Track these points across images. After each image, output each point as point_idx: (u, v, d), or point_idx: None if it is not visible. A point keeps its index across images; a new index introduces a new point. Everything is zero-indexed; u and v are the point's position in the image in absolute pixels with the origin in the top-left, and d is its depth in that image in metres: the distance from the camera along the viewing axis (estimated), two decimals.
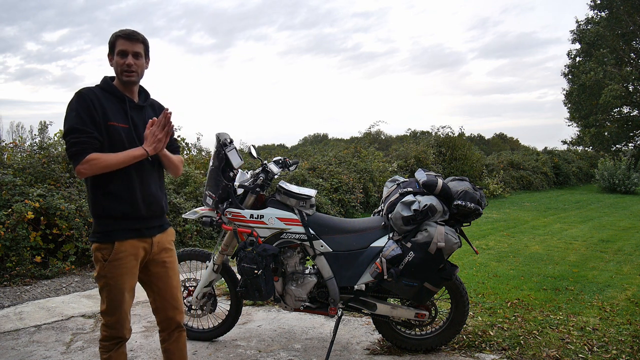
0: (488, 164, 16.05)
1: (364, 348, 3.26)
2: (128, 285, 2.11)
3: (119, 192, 2.07)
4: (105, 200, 2.06)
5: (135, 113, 2.16)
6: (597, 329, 3.46)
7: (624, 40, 20.63)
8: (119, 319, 2.12)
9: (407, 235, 2.83)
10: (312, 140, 42.34)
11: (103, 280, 2.08)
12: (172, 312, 2.26)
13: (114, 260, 2.06)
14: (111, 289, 2.08)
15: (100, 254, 2.08)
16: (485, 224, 8.59)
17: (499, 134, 50.22)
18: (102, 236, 2.07)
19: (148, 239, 2.17)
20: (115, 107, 2.10)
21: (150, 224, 2.17)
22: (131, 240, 2.10)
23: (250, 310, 4.03)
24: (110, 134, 2.04)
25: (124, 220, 2.09)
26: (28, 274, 4.96)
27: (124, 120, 2.10)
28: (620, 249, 6.38)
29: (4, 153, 6.41)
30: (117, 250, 2.06)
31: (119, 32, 2.11)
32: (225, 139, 3.03)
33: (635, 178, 15.43)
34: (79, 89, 2.08)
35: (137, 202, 2.10)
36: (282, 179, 8.20)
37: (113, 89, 2.12)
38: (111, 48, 2.12)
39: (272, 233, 2.99)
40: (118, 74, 2.12)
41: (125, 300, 2.12)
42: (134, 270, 2.13)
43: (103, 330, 2.14)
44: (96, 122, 2.02)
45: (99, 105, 2.04)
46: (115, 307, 2.10)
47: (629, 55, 21.44)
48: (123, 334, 2.15)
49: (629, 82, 20.62)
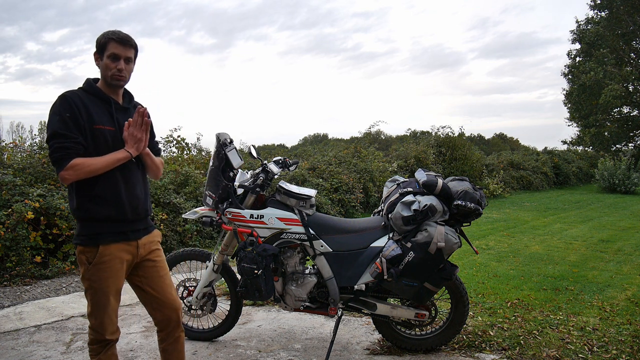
0: (488, 164, 16.05)
1: (364, 348, 3.26)
2: (113, 288, 2.08)
3: (104, 195, 2.03)
4: (90, 203, 2.03)
5: (120, 115, 2.13)
6: (597, 329, 3.46)
7: (624, 40, 20.62)
8: (102, 322, 2.08)
9: (407, 235, 2.83)
10: (312, 140, 42.34)
11: (87, 282, 2.06)
12: (169, 310, 2.24)
13: (98, 264, 2.04)
14: (95, 292, 2.06)
15: (84, 257, 2.05)
16: (485, 224, 8.59)
17: (499, 134, 50.24)
18: (87, 239, 2.04)
19: (133, 242, 2.14)
20: (100, 109, 2.07)
21: (135, 226, 2.15)
22: (116, 244, 2.07)
23: (250, 310, 4.03)
24: (95, 137, 2.01)
25: (109, 223, 2.06)
26: (28, 274, 4.96)
27: (110, 122, 2.07)
28: (620, 249, 6.38)
29: (4, 153, 6.42)
30: (101, 253, 2.04)
31: (111, 34, 2.07)
32: (225, 139, 3.03)
33: (635, 178, 15.43)
34: (62, 93, 2.04)
35: (123, 205, 2.08)
36: (282, 179, 8.20)
37: (97, 91, 2.09)
38: (101, 49, 2.07)
39: (272, 233, 2.99)
40: (107, 76, 2.08)
41: (110, 303, 2.09)
42: (119, 274, 2.10)
43: (90, 334, 2.12)
44: (80, 127, 1.98)
45: (83, 109, 2.00)
46: (99, 310, 2.07)
47: (629, 55, 21.43)
48: (109, 336, 2.11)
49: (629, 82, 20.61)
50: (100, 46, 2.07)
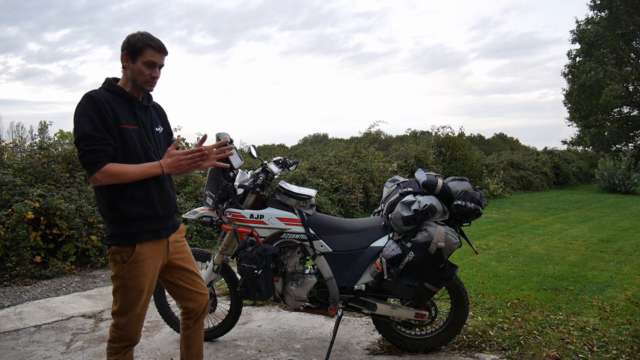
0: (488, 164, 16.05)
1: (364, 348, 3.26)
2: (146, 286, 2.10)
3: (136, 194, 2.04)
4: (123, 203, 2.03)
5: (142, 113, 2.14)
6: (597, 329, 3.46)
7: (624, 40, 20.61)
8: (129, 321, 2.10)
9: (407, 235, 2.83)
10: (312, 140, 42.37)
11: (120, 280, 2.07)
12: (200, 298, 2.33)
13: (133, 262, 2.05)
14: (127, 290, 2.07)
15: (119, 256, 2.05)
16: (485, 224, 8.59)
17: (499, 134, 50.31)
18: (121, 239, 2.05)
19: (164, 240, 2.16)
20: (125, 109, 2.07)
21: (166, 224, 2.18)
22: (150, 243, 2.10)
23: (250, 310, 4.03)
24: (122, 137, 2.01)
25: (142, 221, 2.07)
26: (28, 274, 4.96)
27: (134, 121, 2.08)
28: (620, 249, 6.38)
29: (4, 153, 6.41)
30: (137, 252, 2.05)
31: (148, 40, 2.05)
32: (225, 139, 3.02)
33: (635, 178, 15.42)
34: (88, 92, 2.02)
35: (155, 202, 2.09)
36: (282, 179, 8.20)
37: (120, 91, 2.08)
38: (136, 53, 2.03)
39: (272, 233, 2.99)
40: (138, 81, 2.08)
41: (140, 302, 2.11)
42: (153, 272, 2.13)
43: (112, 332, 2.13)
44: (109, 126, 1.97)
45: (109, 108, 1.99)
46: (128, 308, 2.09)
47: (629, 55, 21.42)
48: (133, 337, 2.13)
49: (629, 82, 20.60)
50: (134, 49, 2.04)
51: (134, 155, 2.03)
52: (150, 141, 2.12)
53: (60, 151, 6.46)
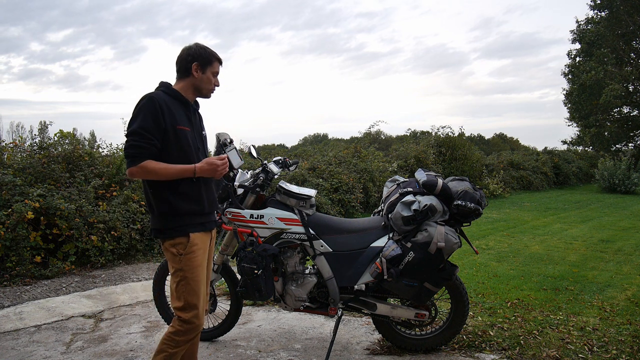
0: (488, 164, 16.04)
1: (364, 348, 3.26)
2: (203, 276, 2.24)
3: (188, 192, 2.20)
4: (174, 199, 2.18)
5: (193, 117, 2.33)
6: (597, 329, 3.46)
7: (624, 40, 20.60)
8: (198, 312, 2.21)
9: (407, 235, 2.83)
10: (312, 140, 42.36)
11: (180, 274, 2.18)
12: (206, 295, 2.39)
13: (189, 253, 2.19)
14: (189, 282, 2.18)
15: (175, 249, 2.19)
16: (485, 224, 8.59)
17: (499, 134, 50.28)
18: (175, 231, 2.19)
19: (209, 233, 2.34)
20: (180, 111, 2.24)
21: (210, 218, 2.35)
22: (200, 234, 2.25)
23: (250, 310, 4.03)
24: (178, 137, 2.18)
25: (192, 216, 2.23)
26: (28, 274, 4.96)
27: (188, 123, 2.26)
28: (620, 249, 6.38)
29: (4, 153, 6.41)
30: (192, 242, 2.20)
31: (215, 54, 2.31)
32: (225, 139, 3.01)
33: (635, 178, 15.41)
34: (149, 93, 2.18)
35: (203, 199, 2.27)
36: (282, 179, 8.19)
37: (177, 94, 2.26)
38: (205, 63, 2.27)
39: (272, 233, 2.99)
40: (203, 88, 2.31)
41: (202, 290, 2.23)
42: (205, 263, 2.28)
43: (179, 326, 2.20)
44: (161, 129, 2.13)
45: (167, 110, 2.15)
46: (194, 300, 2.19)
47: (629, 55, 21.41)
48: (200, 325, 2.23)
49: (629, 82, 20.60)
50: (205, 60, 2.27)
51: (188, 154, 2.21)
52: (199, 142, 2.31)
53: (60, 151, 6.46)
